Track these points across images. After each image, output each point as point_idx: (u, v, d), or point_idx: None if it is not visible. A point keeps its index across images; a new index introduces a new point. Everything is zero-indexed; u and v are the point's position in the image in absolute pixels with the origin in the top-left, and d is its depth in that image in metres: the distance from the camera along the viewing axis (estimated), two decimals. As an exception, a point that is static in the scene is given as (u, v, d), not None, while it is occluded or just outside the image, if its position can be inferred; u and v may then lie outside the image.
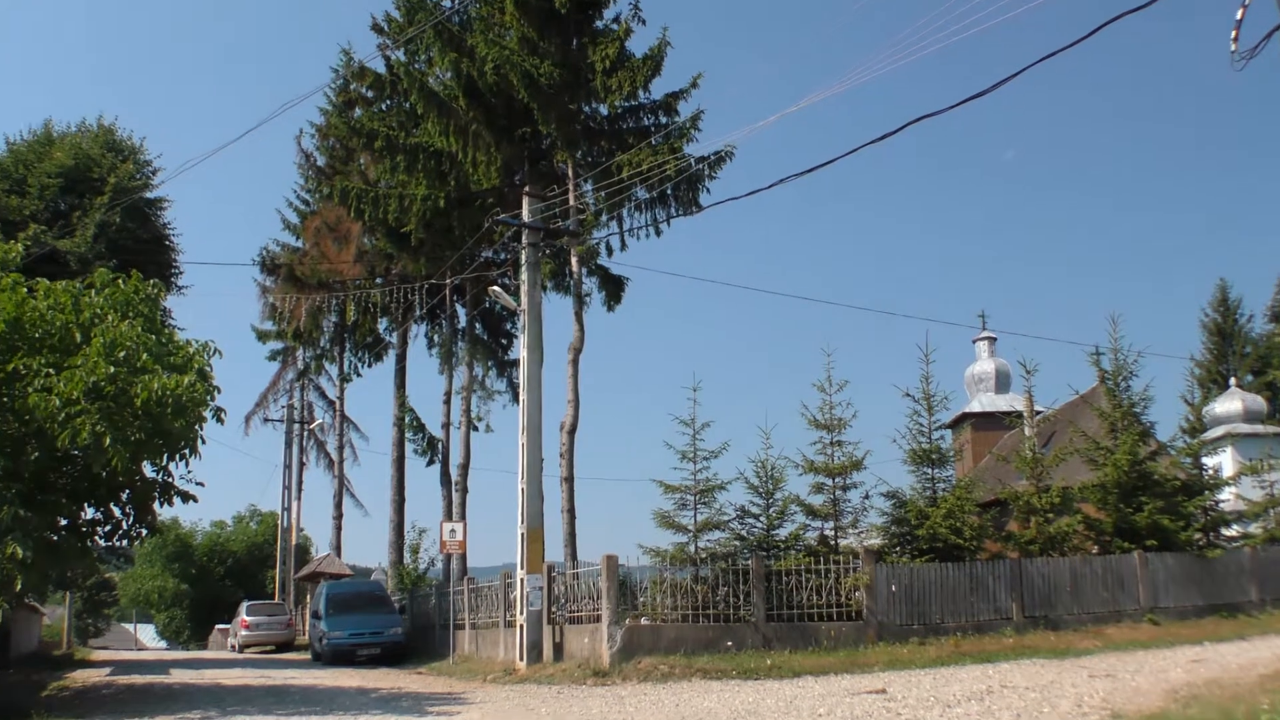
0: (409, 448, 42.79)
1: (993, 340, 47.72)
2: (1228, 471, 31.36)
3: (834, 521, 23.00)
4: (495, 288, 26.68)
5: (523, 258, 24.53)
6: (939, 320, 71.06)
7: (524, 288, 24.19)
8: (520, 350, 24.50)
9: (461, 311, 40.60)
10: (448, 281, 35.88)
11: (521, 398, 23.87)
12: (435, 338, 43.05)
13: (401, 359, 44.68)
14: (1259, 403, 43.43)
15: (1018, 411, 29.60)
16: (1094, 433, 26.40)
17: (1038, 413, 28.68)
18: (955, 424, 44.85)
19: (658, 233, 29.65)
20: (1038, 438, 27.48)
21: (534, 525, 22.95)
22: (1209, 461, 27.00)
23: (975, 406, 45.39)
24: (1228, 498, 27.45)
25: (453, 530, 28.36)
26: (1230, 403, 43.00)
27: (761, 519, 22.48)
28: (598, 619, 20.45)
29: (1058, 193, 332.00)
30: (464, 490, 37.51)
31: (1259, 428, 41.60)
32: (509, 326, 41.15)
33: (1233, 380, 47.11)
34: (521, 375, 24.13)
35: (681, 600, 20.59)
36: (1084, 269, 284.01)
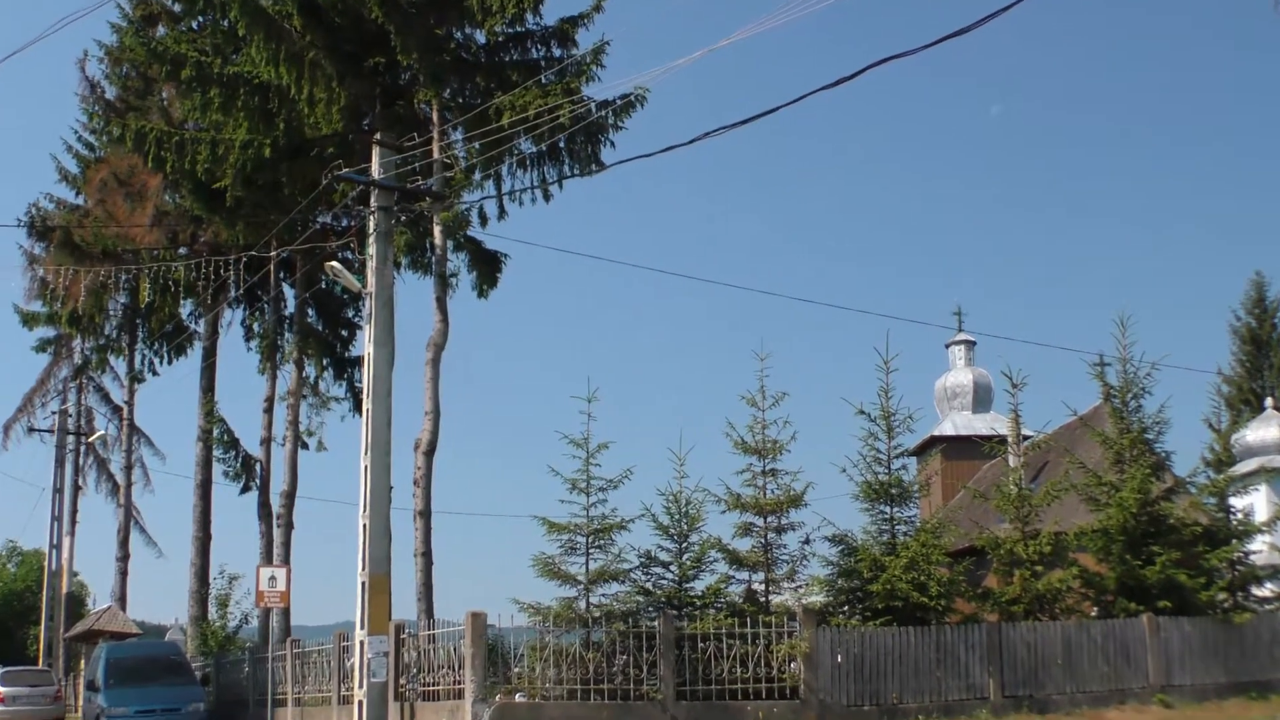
0: (218, 469, 42.25)
1: (971, 345, 48.25)
2: (1261, 515, 31.77)
3: (765, 572, 23.10)
4: (334, 264, 26.33)
5: (371, 225, 24.25)
6: (903, 318, 71.87)
7: (372, 264, 23.91)
8: (365, 345, 24.25)
9: (290, 293, 40.26)
10: (273, 254, 35.47)
11: (366, 406, 23.61)
12: (256, 326, 42.71)
13: (211, 353, 44.19)
14: (1301, 429, 44.13)
15: (1000, 436, 29.75)
16: (1095, 464, 26.73)
17: (1025, 438, 28.87)
18: (921, 450, 45.13)
19: (546, 197, 29.68)
20: (1025, 470, 27.73)
21: (379, 572, 22.68)
22: (1238, 502, 27.38)
23: (947, 428, 45.81)
24: (1261, 548, 27.85)
25: (273, 577, 28.11)
26: (1266, 429, 43.67)
27: (673, 568, 22.52)
28: (460, 694, 20.37)
29: (1053, 159, 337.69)
30: (288, 525, 37.13)
31: (1300, 461, 42.23)
32: (351, 314, 40.91)
33: (1269, 401, 47.77)
34: (366, 377, 23.87)
35: (568, 671, 20.57)
36: (1086, 257, 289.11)
